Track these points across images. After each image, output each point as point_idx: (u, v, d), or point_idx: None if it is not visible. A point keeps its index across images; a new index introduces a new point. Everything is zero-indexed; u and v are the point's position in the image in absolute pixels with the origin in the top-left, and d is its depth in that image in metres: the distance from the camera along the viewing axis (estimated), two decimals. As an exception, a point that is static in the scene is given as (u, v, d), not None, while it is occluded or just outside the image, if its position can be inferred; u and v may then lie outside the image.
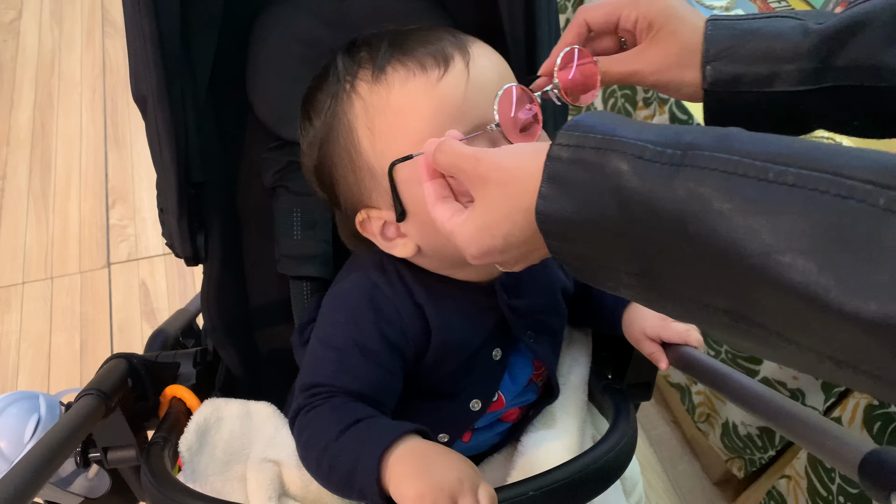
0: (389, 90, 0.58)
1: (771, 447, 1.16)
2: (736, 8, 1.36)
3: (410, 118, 0.57)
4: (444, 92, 0.56)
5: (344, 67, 0.61)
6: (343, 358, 0.61)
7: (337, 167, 0.62)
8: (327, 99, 0.61)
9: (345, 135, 0.60)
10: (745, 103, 0.54)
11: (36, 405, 0.69)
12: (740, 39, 0.54)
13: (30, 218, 1.92)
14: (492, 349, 0.66)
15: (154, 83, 0.66)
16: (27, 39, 2.47)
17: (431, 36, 0.60)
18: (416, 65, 0.57)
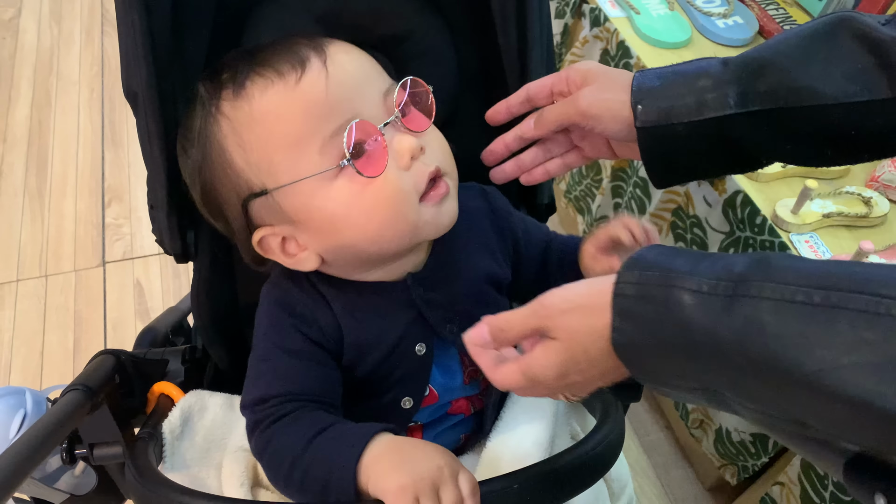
0: (251, 102, 0.58)
1: (764, 454, 1.16)
2: (734, 14, 1.37)
3: (277, 125, 0.57)
4: (304, 92, 0.57)
5: (207, 92, 0.61)
6: (275, 366, 0.62)
7: (219, 191, 0.62)
8: (195, 128, 0.61)
9: (218, 157, 0.60)
10: (678, 136, 0.57)
11: (22, 401, 0.69)
12: (666, 80, 0.58)
13: (25, 215, 1.92)
14: (413, 345, 0.66)
15: (144, 78, 0.65)
16: (26, 37, 2.47)
17: (288, 44, 0.60)
18: (273, 72, 0.57)
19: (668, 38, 1.32)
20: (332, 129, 0.57)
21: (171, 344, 0.90)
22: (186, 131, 0.63)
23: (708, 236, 1.18)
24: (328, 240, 0.61)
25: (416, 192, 0.59)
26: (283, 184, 0.58)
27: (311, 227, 0.60)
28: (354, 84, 0.58)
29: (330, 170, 0.57)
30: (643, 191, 1.33)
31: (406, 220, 0.60)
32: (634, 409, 1.52)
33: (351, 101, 0.58)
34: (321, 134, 0.57)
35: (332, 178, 0.58)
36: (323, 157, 0.57)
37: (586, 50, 1.49)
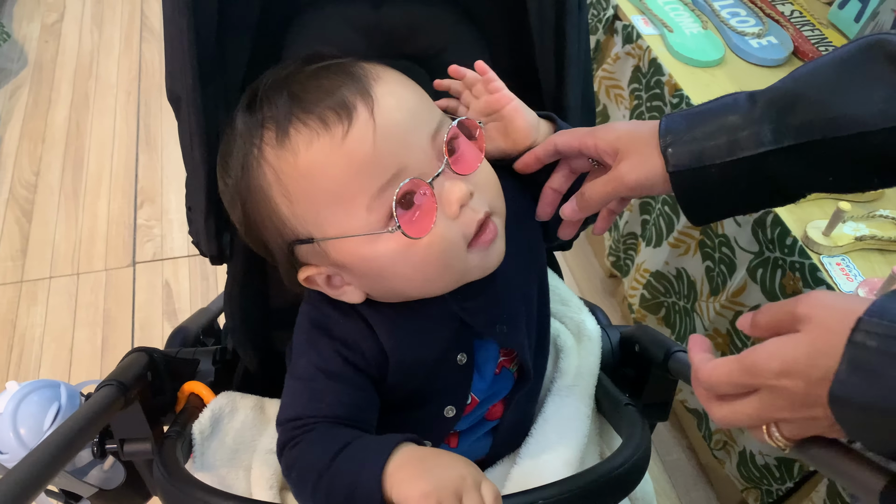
0: (296, 155, 0.55)
1: (789, 478, 1.14)
2: (769, 34, 1.36)
3: (322, 181, 0.55)
4: (351, 149, 0.54)
5: (247, 129, 0.59)
6: (312, 386, 0.62)
7: (263, 231, 0.61)
8: (237, 164, 0.59)
9: (263, 203, 0.59)
10: (712, 177, 0.55)
11: (57, 394, 0.70)
12: (693, 121, 0.57)
13: (60, 214, 1.96)
14: (455, 355, 0.65)
15: (189, 83, 0.67)
16: (67, 41, 2.53)
17: (331, 81, 0.57)
18: (318, 123, 0.55)
19: (700, 57, 1.31)
20: (379, 185, 0.55)
21: (202, 344, 0.91)
22: (227, 164, 0.61)
23: (736, 256, 1.17)
24: (374, 284, 0.61)
25: (465, 239, 0.58)
26: (330, 237, 0.57)
27: (358, 273, 0.60)
28: (402, 133, 0.56)
29: (378, 233, 0.56)
30: (671, 208, 1.32)
31: (453, 270, 0.59)
32: (657, 428, 1.50)
33: (398, 154, 0.55)
34: (368, 191, 0.55)
35: (382, 234, 0.57)
36: (371, 213, 0.56)
37: (618, 66, 1.49)
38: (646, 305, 1.47)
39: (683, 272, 1.34)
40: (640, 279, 1.45)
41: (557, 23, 0.72)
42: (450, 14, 0.80)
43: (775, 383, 0.44)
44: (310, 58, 0.62)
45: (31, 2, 2.71)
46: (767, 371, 0.44)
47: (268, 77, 0.61)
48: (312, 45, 0.79)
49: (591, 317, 0.83)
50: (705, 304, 1.27)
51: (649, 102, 1.39)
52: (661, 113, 1.35)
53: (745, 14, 1.42)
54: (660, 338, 0.76)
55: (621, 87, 1.50)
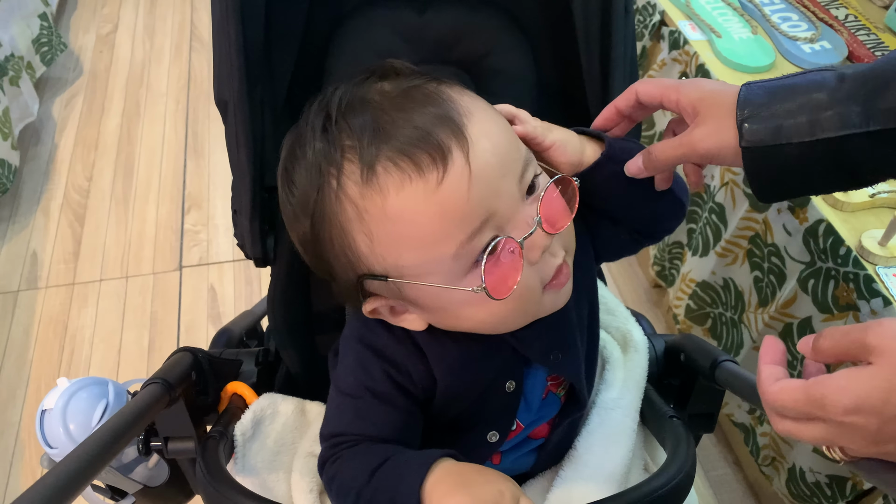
0: (384, 197, 0.51)
1: (841, 497, 1.10)
2: (821, 39, 1.33)
3: (411, 227, 0.52)
4: (445, 196, 0.50)
5: (324, 154, 0.54)
6: (358, 405, 0.61)
7: (332, 259, 0.57)
8: (312, 191, 0.55)
9: (339, 236, 0.55)
10: (788, 157, 0.52)
11: (105, 391, 0.72)
12: (774, 96, 0.53)
13: (111, 219, 2.02)
14: (504, 382, 0.64)
15: (236, 88, 0.68)
16: (121, 51, 2.61)
17: (422, 116, 0.52)
18: (411, 166, 0.50)
19: (750, 63, 1.29)
20: (468, 232, 0.52)
21: (245, 346, 0.92)
22: (292, 181, 0.57)
23: (786, 266, 1.14)
24: (442, 321, 0.59)
25: (542, 284, 0.57)
26: (409, 280, 0.55)
27: (428, 310, 0.58)
28: (495, 178, 0.52)
29: (462, 289, 0.54)
30: (719, 217, 1.30)
31: (528, 314, 0.58)
32: (702, 442, 1.47)
33: (490, 200, 0.52)
34: (457, 239, 0.52)
35: (461, 279, 0.54)
36: (456, 262, 0.53)
37: (664, 73, 1.47)
38: (691, 316, 1.43)
39: (731, 282, 1.30)
40: (686, 289, 1.43)
41: (603, 27, 0.71)
42: (494, 19, 0.79)
43: (844, 419, 0.42)
44: (384, 72, 0.58)
45: (87, 13, 2.80)
46: (837, 406, 0.42)
47: (342, 94, 0.55)
48: (357, 51, 0.79)
49: (637, 327, 0.81)
50: (753, 315, 1.24)
51: (696, 109, 1.36)
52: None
53: (797, 18, 1.39)
54: (706, 347, 0.74)
55: (667, 93, 1.48)
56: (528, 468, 0.72)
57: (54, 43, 2.42)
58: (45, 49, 2.37)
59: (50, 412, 0.69)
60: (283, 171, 0.58)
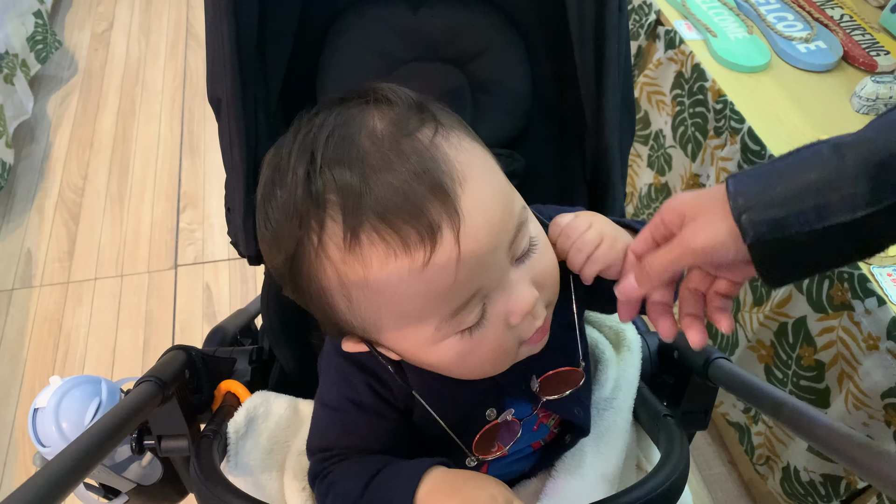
0: (367, 268, 0.48)
1: (835, 496, 1.10)
2: (817, 39, 1.33)
3: (394, 300, 0.50)
4: (431, 277, 0.48)
5: (305, 206, 0.49)
6: (344, 418, 0.61)
7: (308, 303, 0.55)
8: (290, 238, 0.51)
9: (316, 291, 0.52)
10: (799, 245, 0.48)
11: (98, 389, 0.72)
12: (768, 181, 0.48)
13: (106, 218, 2.01)
14: (484, 410, 0.62)
15: (229, 85, 0.68)
16: (116, 50, 2.61)
17: (412, 183, 0.47)
18: (397, 242, 0.47)
19: (745, 62, 1.29)
20: (454, 308, 0.50)
21: (239, 344, 0.92)
22: (272, 229, 0.53)
23: (782, 265, 1.14)
24: (421, 364, 0.57)
25: (519, 342, 0.55)
26: (388, 342, 0.54)
27: (406, 357, 0.57)
28: (485, 255, 0.49)
29: (438, 350, 0.53)
30: (714, 216, 1.30)
31: (503, 365, 0.57)
32: (697, 441, 1.47)
33: (478, 277, 0.50)
34: (441, 314, 0.50)
35: (440, 342, 0.53)
36: (438, 331, 0.51)
37: (660, 72, 1.47)
38: (686, 315, 1.43)
39: (725, 282, 1.31)
40: (681, 288, 1.43)
41: (597, 25, 0.71)
42: (488, 17, 0.79)
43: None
44: (376, 98, 0.53)
45: (82, 11, 2.80)
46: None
47: (329, 130, 0.50)
48: (351, 48, 0.79)
49: (630, 325, 0.81)
50: (748, 314, 1.24)
51: (692, 109, 1.37)
52: (704, 120, 1.33)
53: (793, 18, 1.39)
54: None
55: (663, 93, 1.48)
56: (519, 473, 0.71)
57: (49, 41, 2.41)
58: (40, 47, 2.36)
59: (42, 411, 0.69)
60: (261, 198, 0.54)
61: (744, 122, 1.18)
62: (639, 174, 1.64)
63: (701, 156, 1.34)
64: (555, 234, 0.59)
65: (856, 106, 1.21)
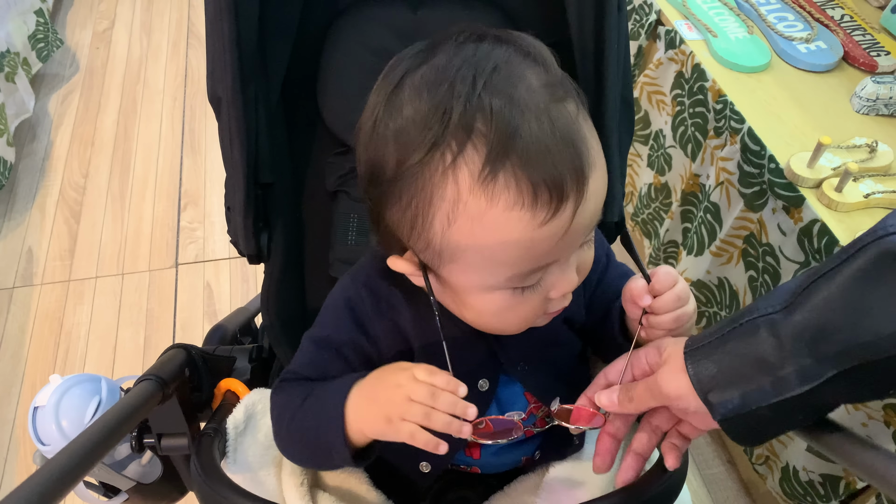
0: (491, 206, 0.48)
1: (834, 496, 1.10)
2: (817, 39, 1.33)
3: (496, 242, 0.50)
4: (540, 236, 0.50)
5: (452, 119, 0.48)
6: (320, 354, 0.64)
7: (391, 211, 0.54)
8: (418, 149, 0.49)
9: (418, 204, 0.51)
10: (763, 416, 0.52)
11: (98, 388, 0.72)
12: (722, 363, 0.53)
13: (107, 216, 2.01)
14: (477, 380, 0.64)
15: (229, 84, 0.68)
16: (117, 48, 2.61)
17: (559, 149, 0.49)
18: (529, 196, 0.48)
19: (746, 62, 1.29)
20: (533, 268, 0.52)
21: (239, 343, 0.92)
22: (403, 129, 0.51)
23: (781, 265, 1.14)
24: (452, 303, 0.59)
25: (543, 313, 0.59)
26: (449, 273, 0.55)
27: (449, 290, 0.58)
28: (580, 234, 0.53)
29: (486, 298, 0.55)
30: (714, 216, 1.30)
31: (520, 327, 0.59)
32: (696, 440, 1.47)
33: (564, 249, 0.53)
34: (521, 268, 0.52)
35: (493, 291, 0.55)
36: (507, 281, 0.53)
37: (660, 72, 1.47)
38: (686, 315, 1.44)
39: (725, 282, 1.31)
40: (681, 288, 1.43)
41: (596, 24, 0.71)
42: (488, 17, 0.80)
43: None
44: (532, 53, 0.52)
45: (83, 9, 2.80)
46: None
47: (494, 64, 0.49)
48: (351, 48, 0.79)
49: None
50: (748, 314, 1.24)
51: (692, 108, 1.37)
52: (704, 120, 1.33)
53: (793, 18, 1.39)
54: None
55: (664, 93, 1.48)
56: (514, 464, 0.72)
57: (50, 39, 2.41)
58: (42, 45, 2.36)
59: (42, 409, 0.69)
60: (382, 96, 0.52)
61: (744, 122, 1.18)
62: (639, 174, 1.64)
63: (701, 156, 1.34)
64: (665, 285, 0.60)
65: (856, 106, 1.21)
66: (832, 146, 1.10)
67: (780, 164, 1.10)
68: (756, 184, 1.16)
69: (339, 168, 0.81)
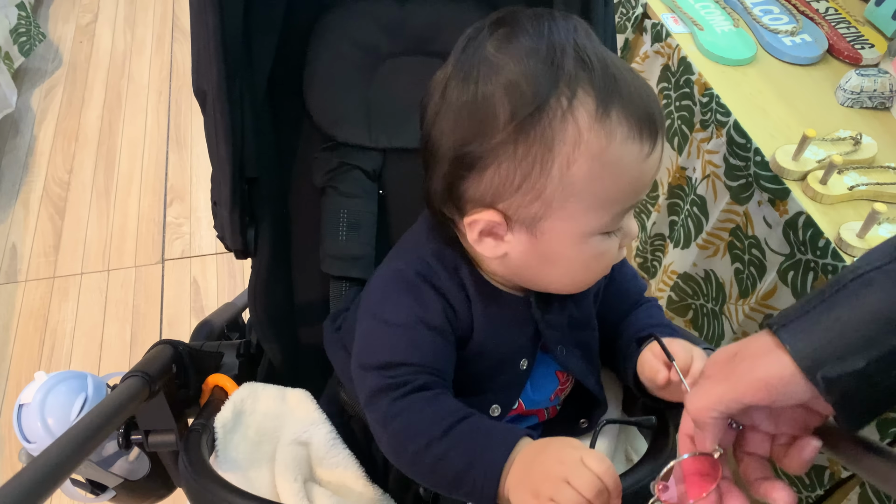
0: (611, 140, 0.53)
1: (819, 486, 1.11)
2: (802, 32, 1.33)
3: (612, 176, 0.54)
4: (646, 169, 0.56)
5: (565, 67, 0.53)
6: (411, 334, 0.61)
7: (502, 161, 0.55)
8: (536, 96, 0.52)
9: (537, 148, 0.53)
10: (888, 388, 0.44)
11: (84, 385, 0.72)
12: (830, 331, 0.44)
13: (92, 212, 2.00)
14: (520, 359, 0.67)
15: (214, 78, 0.68)
16: (101, 42, 2.58)
17: (645, 96, 0.56)
18: (636, 129, 0.54)
19: (731, 55, 1.29)
20: (632, 203, 0.58)
21: (227, 338, 0.92)
22: (513, 76, 0.53)
23: (766, 258, 1.15)
24: (537, 269, 0.60)
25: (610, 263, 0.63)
26: (551, 224, 0.56)
27: (537, 255, 0.59)
28: (657, 172, 0.59)
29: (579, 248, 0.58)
30: (700, 209, 1.30)
31: (594, 281, 0.64)
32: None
33: (646, 187, 0.58)
34: (625, 204, 0.57)
35: (587, 240, 0.58)
36: (611, 223, 0.57)
37: (647, 65, 1.48)
38: (673, 308, 1.44)
39: (712, 274, 1.32)
40: (668, 281, 1.43)
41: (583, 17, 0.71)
42: (475, 11, 0.79)
43: None
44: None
45: (66, 3, 2.77)
46: None
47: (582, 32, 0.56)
48: (337, 42, 0.79)
49: None
50: (734, 306, 1.25)
51: (678, 102, 1.37)
52: (691, 113, 1.33)
53: (779, 11, 1.39)
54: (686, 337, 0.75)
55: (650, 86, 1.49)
56: None
57: (33, 33, 2.38)
58: (24, 39, 2.33)
59: (27, 406, 0.69)
60: (512, 22, 0.56)
61: (730, 115, 1.19)
62: (626, 167, 1.64)
63: (687, 149, 1.34)
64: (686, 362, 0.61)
65: (840, 99, 1.22)
66: (817, 139, 1.11)
67: (765, 157, 1.11)
68: (742, 176, 1.17)
69: (327, 163, 0.81)
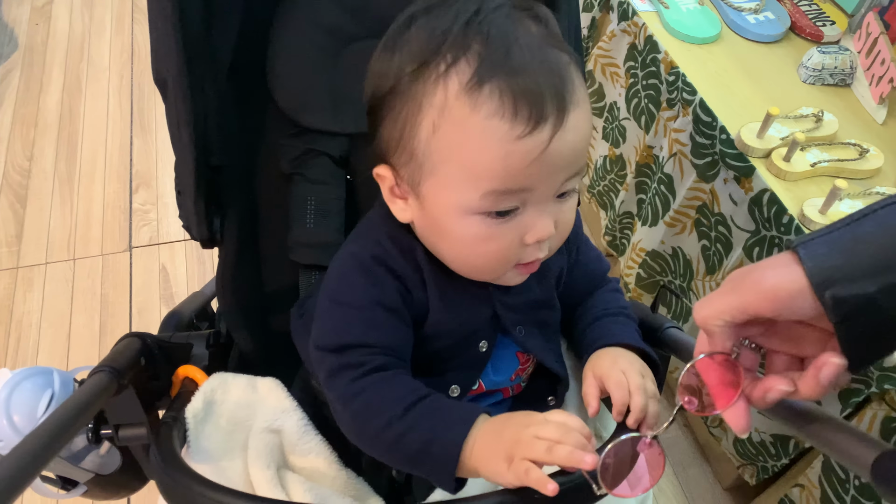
0: (473, 112, 0.53)
1: (785, 455, 1.15)
2: (765, 10, 1.35)
3: (472, 151, 0.54)
4: (515, 150, 0.53)
5: (453, 39, 0.54)
6: (368, 316, 0.62)
7: (386, 117, 0.58)
8: (419, 57, 0.55)
9: (410, 109, 0.56)
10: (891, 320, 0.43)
11: (50, 381, 0.70)
12: (851, 251, 0.43)
13: (55, 200, 1.95)
14: (479, 340, 0.67)
15: (174, 65, 0.66)
16: (58, 24, 2.51)
17: (545, 77, 0.53)
18: (510, 109, 0.52)
19: (697, 34, 1.30)
20: (504, 188, 0.55)
21: (196, 328, 0.91)
22: (410, 41, 0.56)
23: (733, 234, 1.17)
24: (425, 231, 0.62)
25: (515, 262, 0.60)
26: (428, 190, 0.58)
27: (425, 216, 0.60)
28: (556, 166, 0.55)
29: (460, 221, 0.57)
30: (667, 187, 1.32)
31: (493, 274, 0.62)
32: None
33: (538, 178, 0.55)
34: (494, 185, 0.54)
35: (469, 216, 0.57)
36: (481, 200, 0.55)
37: (614, 44, 1.48)
38: (642, 284, 1.46)
39: (679, 251, 1.33)
40: (636, 258, 1.45)
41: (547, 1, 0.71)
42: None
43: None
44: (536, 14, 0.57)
45: (20, -16, 2.68)
46: None
47: (498, 3, 0.56)
48: (301, 24, 0.78)
49: None
50: (701, 283, 1.27)
51: (645, 80, 1.38)
52: (657, 91, 1.34)
53: (742, -11, 1.40)
54: (653, 314, 0.77)
55: (617, 65, 1.49)
56: None
57: (-14, 15, 2.31)
58: (-23, 22, 2.26)
59: (-7, 404, 0.67)
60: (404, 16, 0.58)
61: (695, 93, 1.20)
62: (594, 146, 1.65)
63: (654, 127, 1.35)
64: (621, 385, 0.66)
65: (803, 76, 1.23)
66: (780, 116, 1.13)
67: (731, 135, 1.12)
68: (708, 154, 1.18)
69: (294, 150, 0.80)
